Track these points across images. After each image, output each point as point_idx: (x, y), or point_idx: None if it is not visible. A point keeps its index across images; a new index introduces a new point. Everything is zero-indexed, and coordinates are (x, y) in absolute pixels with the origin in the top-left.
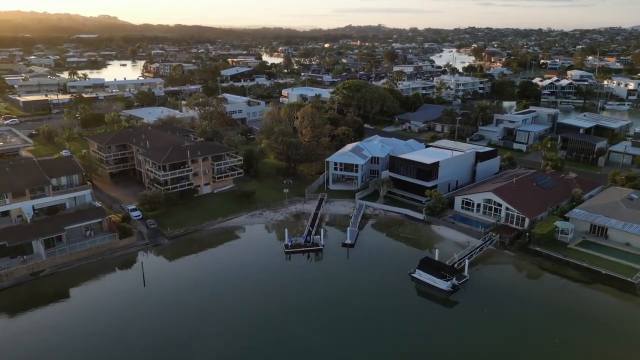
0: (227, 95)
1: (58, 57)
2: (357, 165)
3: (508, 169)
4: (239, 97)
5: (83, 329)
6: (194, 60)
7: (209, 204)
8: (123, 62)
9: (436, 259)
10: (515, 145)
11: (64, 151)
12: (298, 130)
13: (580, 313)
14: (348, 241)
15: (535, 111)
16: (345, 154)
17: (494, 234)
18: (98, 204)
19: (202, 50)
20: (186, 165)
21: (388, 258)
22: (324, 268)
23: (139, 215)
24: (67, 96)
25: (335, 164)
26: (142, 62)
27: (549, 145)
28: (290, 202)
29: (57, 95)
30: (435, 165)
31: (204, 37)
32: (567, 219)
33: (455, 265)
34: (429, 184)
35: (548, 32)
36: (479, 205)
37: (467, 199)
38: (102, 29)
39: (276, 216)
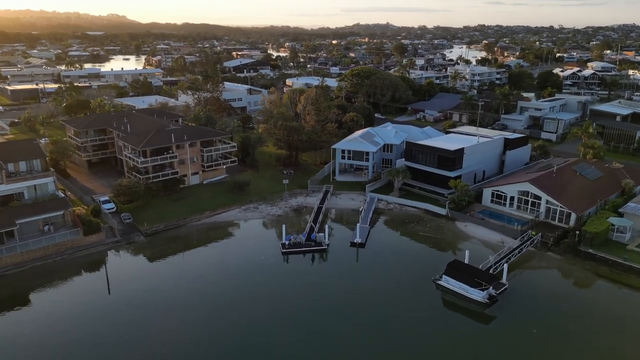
0: (227, 83)
1: (60, 51)
2: (367, 153)
3: (540, 159)
4: (239, 85)
5: (33, 345)
6: (197, 54)
7: (196, 195)
8: (127, 56)
9: (466, 262)
10: (544, 135)
11: (44, 139)
12: (301, 116)
13: None
14: (357, 240)
15: (563, 98)
16: (354, 140)
17: (534, 233)
18: (61, 193)
19: (207, 45)
20: (170, 151)
21: (406, 261)
22: (328, 272)
23: (113, 208)
24: (56, 85)
25: (343, 151)
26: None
27: (590, 131)
28: (290, 195)
29: (43, 84)
30: (460, 152)
31: (210, 34)
32: (621, 215)
33: (491, 270)
34: (452, 174)
35: (560, 29)
36: (512, 198)
37: (498, 191)
38: (110, 27)
39: (273, 210)
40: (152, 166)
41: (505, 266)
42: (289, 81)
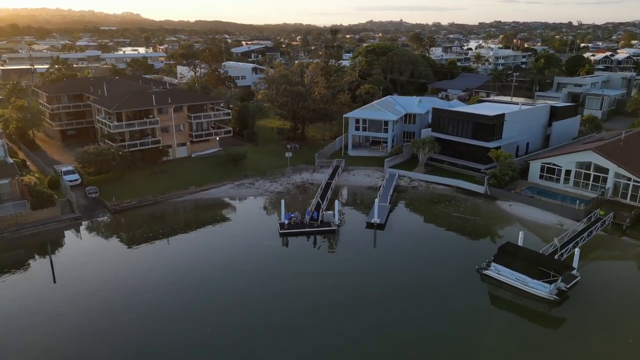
0: (231, 62)
1: (68, 41)
2: (387, 123)
3: (589, 134)
4: (244, 64)
5: None
6: (207, 42)
7: (181, 169)
8: (136, 48)
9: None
10: (586, 112)
11: None
12: (308, 86)
13: None
14: (375, 220)
15: (604, 75)
16: (371, 107)
17: (602, 212)
18: (11, 160)
19: (217, 36)
20: (151, 116)
21: (437, 246)
22: (337, 260)
23: (77, 180)
24: (47, 66)
25: (357, 121)
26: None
27: None
28: (293, 171)
29: (32, 65)
30: (500, 118)
31: (222, 30)
32: None
33: (557, 256)
34: (490, 145)
35: (579, 25)
36: (568, 172)
37: (550, 163)
38: (124, 24)
39: (272, 187)
40: (129, 133)
41: (577, 251)
42: (297, 63)
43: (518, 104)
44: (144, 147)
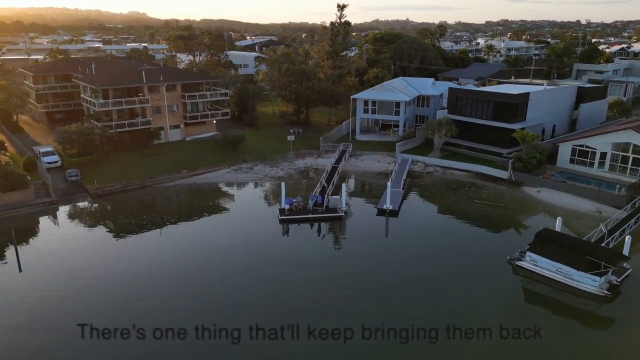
0: (233, 52)
1: (72, 37)
2: (398, 104)
3: (617, 118)
4: (247, 52)
5: None
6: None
7: (174, 152)
8: (140, 44)
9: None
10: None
11: None
12: (313, 67)
13: None
14: (388, 206)
15: (625, 63)
16: (381, 87)
17: None
18: None
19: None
20: (140, 94)
21: (458, 235)
22: (345, 251)
23: (57, 162)
24: (42, 56)
25: (366, 103)
26: None
27: None
28: (296, 156)
29: (29, 55)
30: (524, 97)
31: (227, 27)
32: None
33: (604, 245)
34: (514, 127)
35: (587, 24)
36: (603, 155)
37: (582, 146)
38: (130, 22)
39: (273, 172)
40: (117, 113)
41: (628, 239)
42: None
43: (543, 84)
44: (133, 128)
